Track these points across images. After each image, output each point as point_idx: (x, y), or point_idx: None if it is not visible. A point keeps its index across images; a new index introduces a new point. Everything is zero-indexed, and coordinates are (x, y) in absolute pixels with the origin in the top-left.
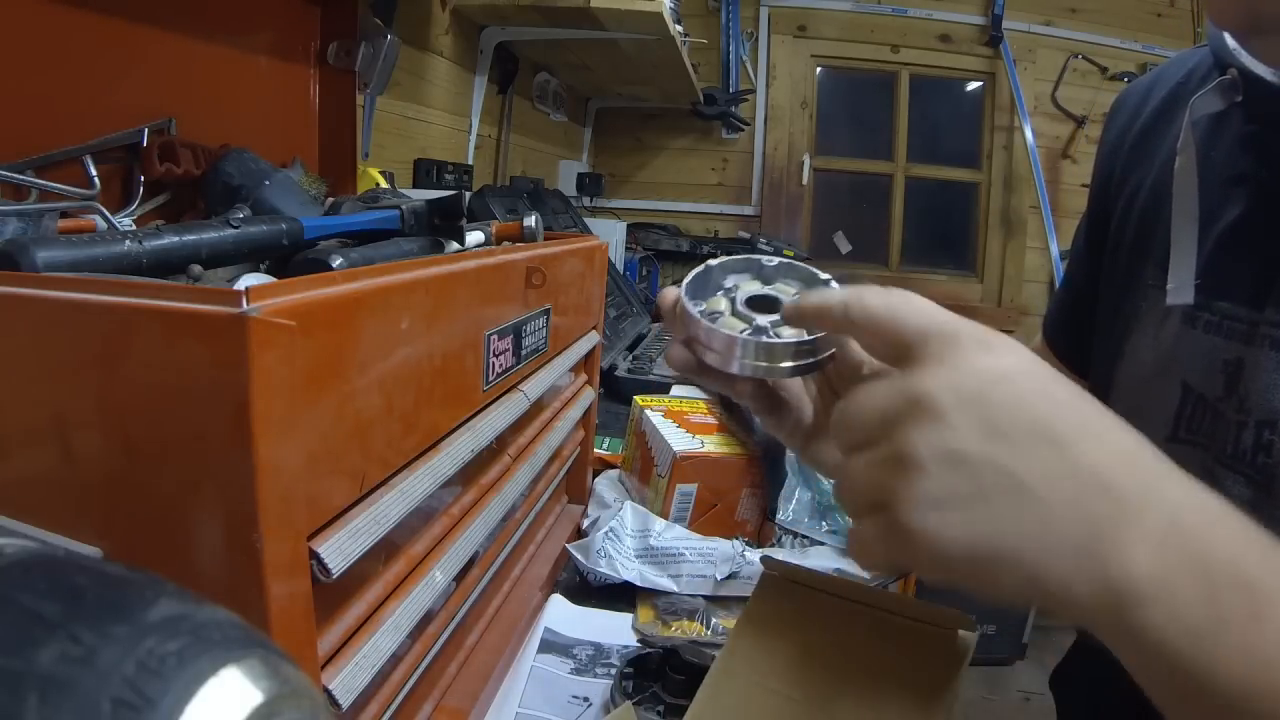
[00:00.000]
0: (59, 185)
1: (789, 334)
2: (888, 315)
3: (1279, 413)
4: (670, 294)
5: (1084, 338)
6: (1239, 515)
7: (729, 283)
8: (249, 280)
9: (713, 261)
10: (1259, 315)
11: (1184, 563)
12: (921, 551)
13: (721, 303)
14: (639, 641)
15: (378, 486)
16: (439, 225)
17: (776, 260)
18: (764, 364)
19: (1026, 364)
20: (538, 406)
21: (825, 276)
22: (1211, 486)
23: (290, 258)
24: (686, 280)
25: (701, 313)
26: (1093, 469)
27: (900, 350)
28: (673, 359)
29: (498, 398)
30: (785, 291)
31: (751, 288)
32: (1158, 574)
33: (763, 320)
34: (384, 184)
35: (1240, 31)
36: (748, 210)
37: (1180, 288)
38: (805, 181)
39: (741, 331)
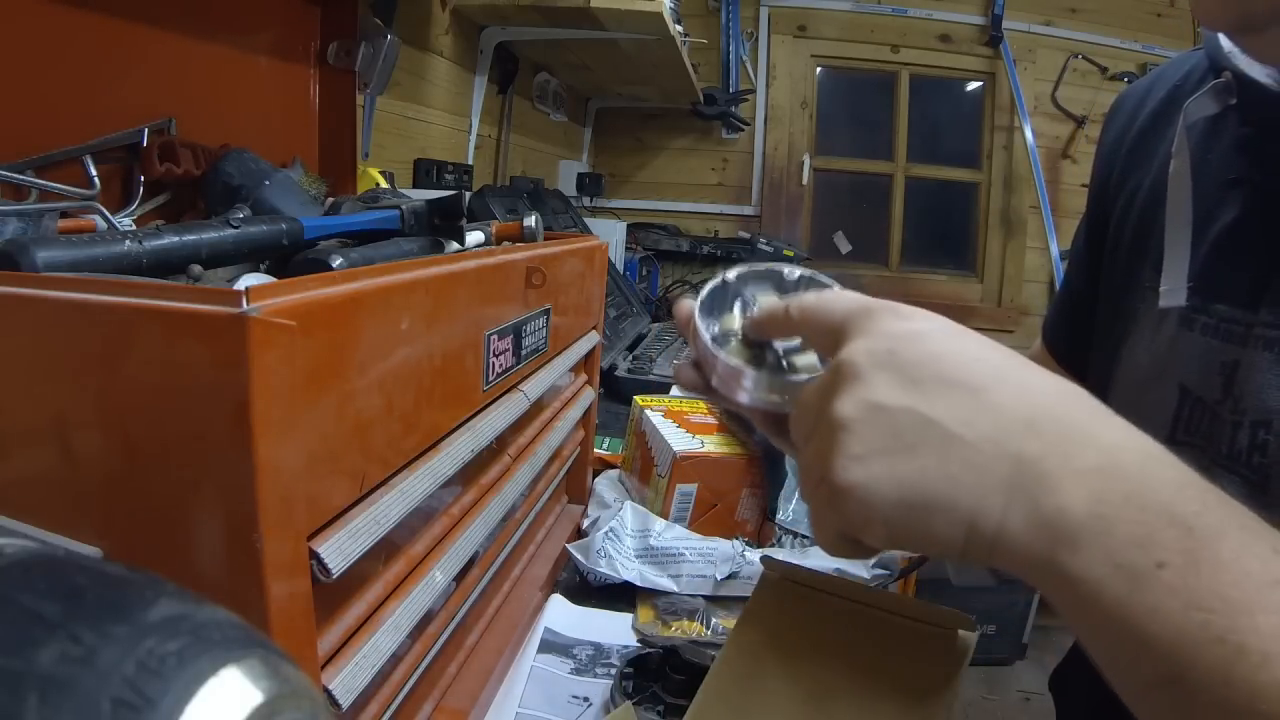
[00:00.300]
0: (59, 185)
1: (801, 361)
2: (819, 308)
3: (1273, 412)
4: (685, 309)
5: (1083, 341)
6: (1176, 460)
7: (747, 294)
8: (249, 280)
9: (730, 275)
10: (1254, 317)
11: (1120, 502)
12: (857, 508)
13: (736, 320)
14: (639, 641)
15: (378, 486)
16: (439, 225)
17: (799, 273)
18: (775, 398)
19: (940, 325)
20: (538, 406)
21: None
22: None
23: (290, 258)
24: (701, 296)
25: (715, 337)
26: (1014, 410)
27: (833, 337)
28: (682, 379)
29: (498, 398)
30: None
31: (769, 302)
32: (1093, 510)
33: (778, 345)
34: (384, 184)
35: (1232, 31)
36: (748, 210)
37: (1173, 290)
38: (805, 181)
39: (752, 359)
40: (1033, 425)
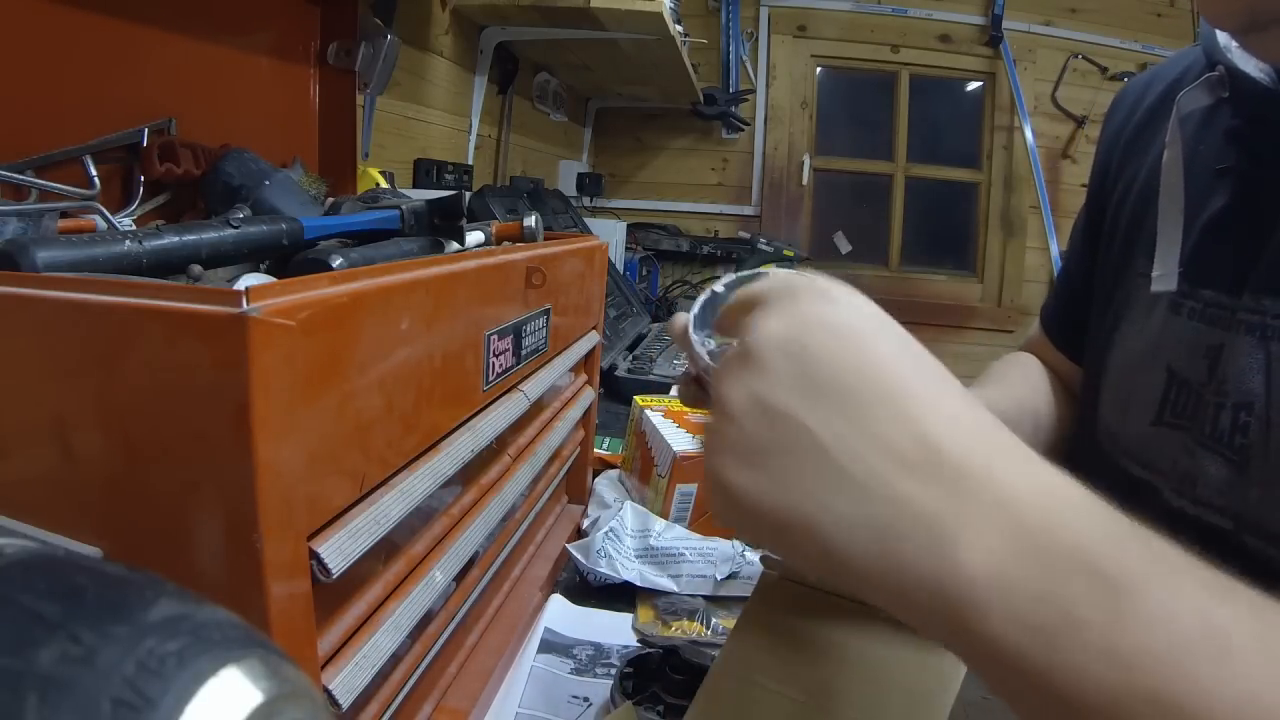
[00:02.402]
0: (59, 185)
1: None
2: (752, 289)
3: (1254, 395)
4: (679, 324)
5: (1080, 328)
6: (1083, 492)
7: None
8: (249, 280)
9: (718, 286)
10: (1237, 302)
11: (1025, 555)
12: (730, 506)
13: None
14: (639, 641)
15: (378, 486)
16: (439, 225)
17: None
18: None
19: (864, 318)
20: (538, 406)
21: None
22: (1191, 466)
23: (290, 258)
24: (694, 309)
25: (711, 353)
26: (914, 439)
27: (751, 314)
28: (684, 397)
29: (498, 398)
30: None
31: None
32: (995, 568)
33: None
34: (384, 184)
35: (1238, 30)
36: (748, 210)
37: (1165, 275)
38: (805, 181)
39: None
40: (929, 462)
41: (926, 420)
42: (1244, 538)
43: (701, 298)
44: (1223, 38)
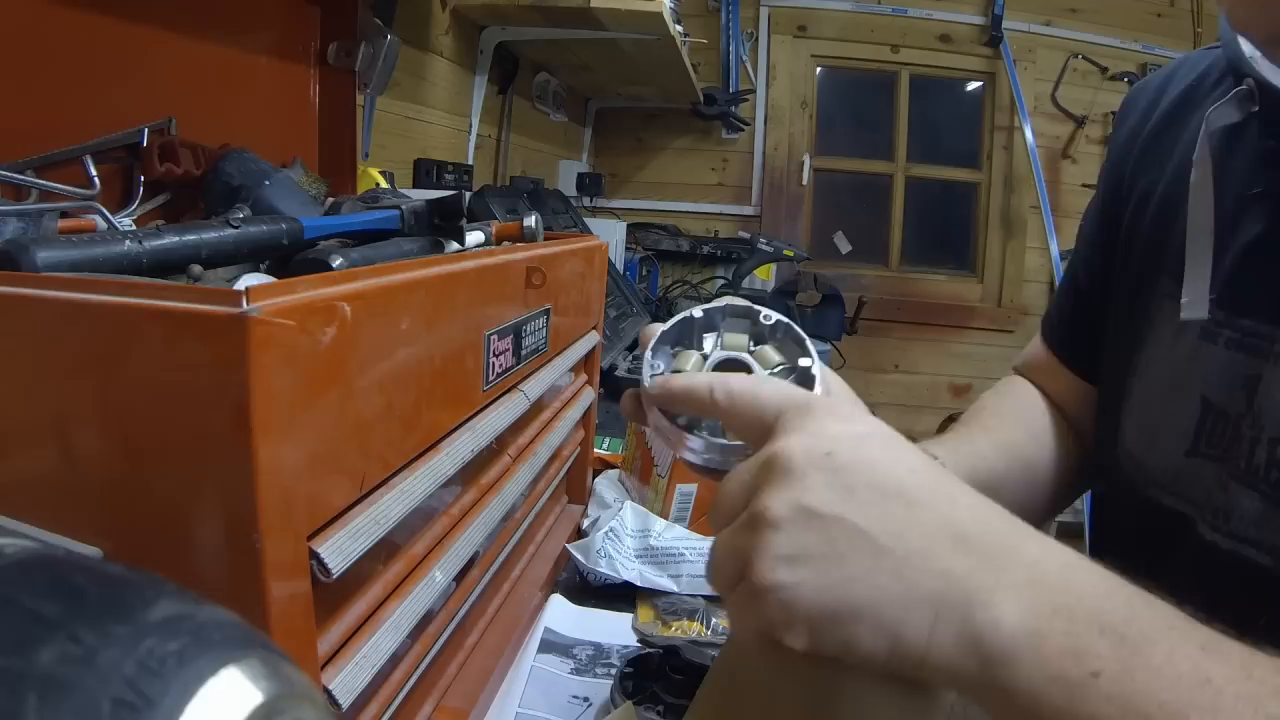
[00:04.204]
0: (59, 185)
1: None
2: (749, 397)
3: None
4: (650, 334)
5: (1090, 340)
6: (1100, 568)
7: (724, 328)
8: (249, 280)
9: (696, 312)
10: (1277, 332)
11: (1050, 614)
12: (779, 610)
13: (690, 360)
14: (639, 641)
15: (378, 486)
16: (439, 225)
17: (775, 318)
18: (715, 458)
19: (879, 431)
20: (538, 406)
21: (812, 354)
22: (1224, 500)
23: (290, 258)
24: (665, 326)
25: (654, 376)
26: (946, 525)
27: (763, 430)
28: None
29: (498, 398)
30: (767, 360)
31: (737, 342)
32: (1026, 625)
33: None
34: (384, 184)
35: (1268, 39)
36: (748, 210)
37: (1194, 302)
38: (805, 181)
39: (688, 421)
40: (963, 541)
41: (959, 504)
42: None
43: (678, 316)
44: (1247, 47)
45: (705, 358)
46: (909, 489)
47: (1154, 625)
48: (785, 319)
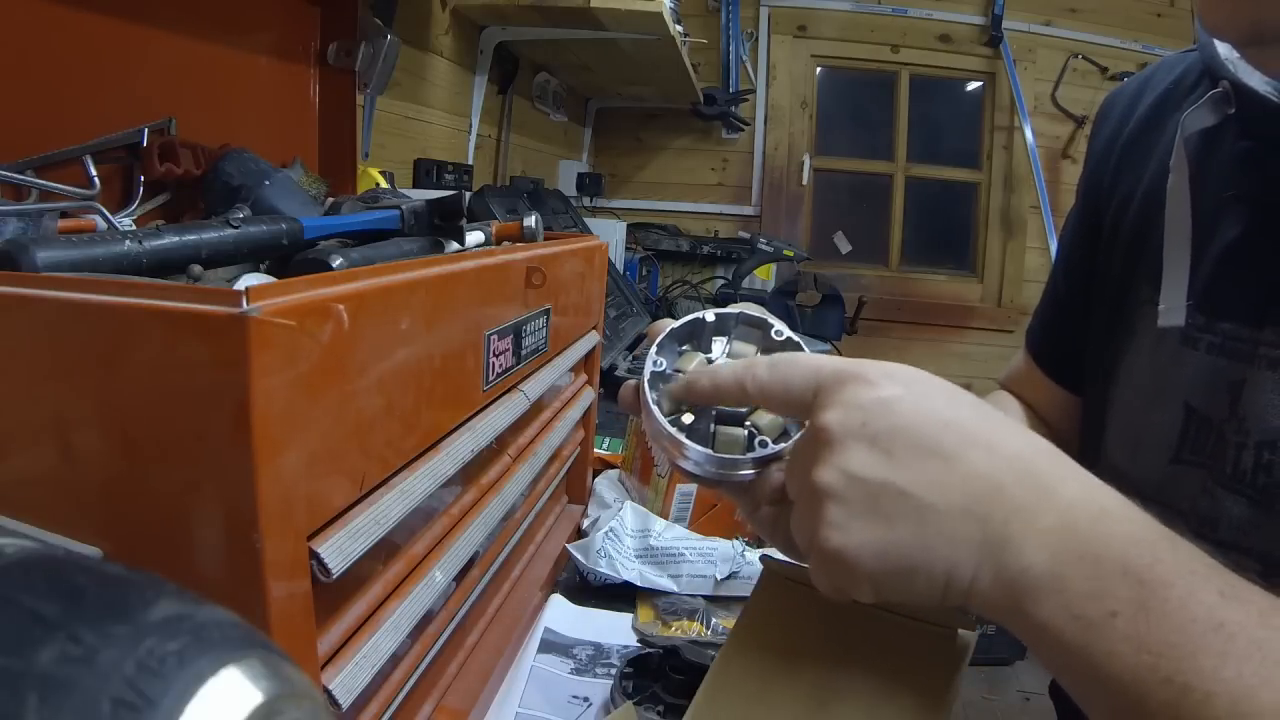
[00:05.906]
0: (59, 185)
1: (764, 421)
2: (778, 382)
3: (1278, 433)
4: (659, 329)
5: (1073, 350)
6: (1134, 509)
7: (734, 335)
8: (249, 280)
9: (709, 315)
10: (1259, 335)
11: (1076, 559)
12: (843, 571)
13: (694, 361)
14: (639, 641)
15: (378, 486)
16: (439, 225)
17: (786, 334)
18: (712, 469)
19: (906, 389)
20: (538, 406)
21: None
22: (1210, 507)
23: (290, 258)
24: (675, 325)
25: (655, 373)
26: (982, 475)
27: (801, 407)
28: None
29: (498, 398)
30: None
31: (745, 351)
32: (1051, 569)
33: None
34: (384, 184)
35: (1241, 41)
36: (748, 210)
37: (1172, 309)
38: (805, 181)
39: (688, 426)
40: (1000, 490)
41: (997, 449)
42: (1273, 580)
43: (690, 316)
44: (1224, 49)
45: (709, 362)
46: (945, 446)
47: (1174, 569)
48: (796, 337)
